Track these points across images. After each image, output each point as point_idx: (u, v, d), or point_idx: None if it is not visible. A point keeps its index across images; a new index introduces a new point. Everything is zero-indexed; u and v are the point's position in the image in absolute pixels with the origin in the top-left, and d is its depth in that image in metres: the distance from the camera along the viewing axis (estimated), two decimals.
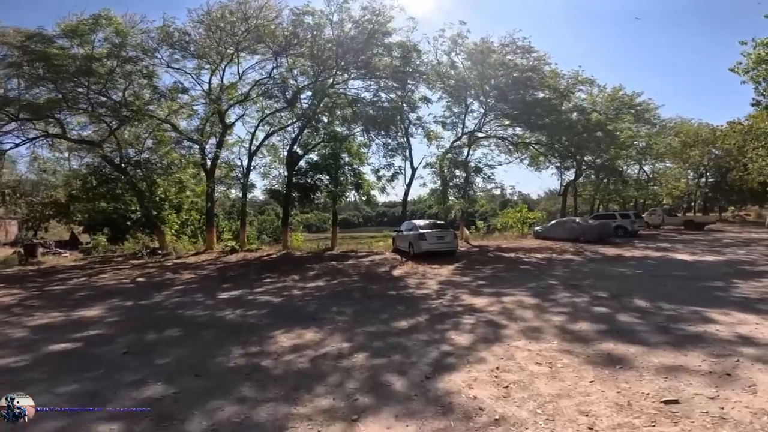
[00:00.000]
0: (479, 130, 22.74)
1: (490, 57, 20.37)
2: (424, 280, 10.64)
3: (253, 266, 13.89)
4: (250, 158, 20.30)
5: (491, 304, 7.62)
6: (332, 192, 19.45)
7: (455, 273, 11.88)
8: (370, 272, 12.17)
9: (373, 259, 15.13)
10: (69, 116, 18.14)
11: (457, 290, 9.14)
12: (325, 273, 12.06)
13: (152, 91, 16.71)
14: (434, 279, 10.84)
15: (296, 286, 10.09)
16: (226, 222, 37.93)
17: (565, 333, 5.67)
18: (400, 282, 10.50)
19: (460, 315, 6.89)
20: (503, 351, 5.00)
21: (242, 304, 8.02)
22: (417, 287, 9.70)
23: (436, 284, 10.06)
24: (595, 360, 4.63)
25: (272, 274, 12.10)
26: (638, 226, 26.32)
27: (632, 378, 4.09)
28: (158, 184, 19.81)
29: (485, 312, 7.05)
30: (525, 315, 6.76)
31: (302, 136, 20.83)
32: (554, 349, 5.01)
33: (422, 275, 11.54)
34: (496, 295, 8.50)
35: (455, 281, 10.47)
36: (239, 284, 10.51)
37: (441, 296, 8.52)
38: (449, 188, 20.27)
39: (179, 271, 13.18)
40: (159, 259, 17.10)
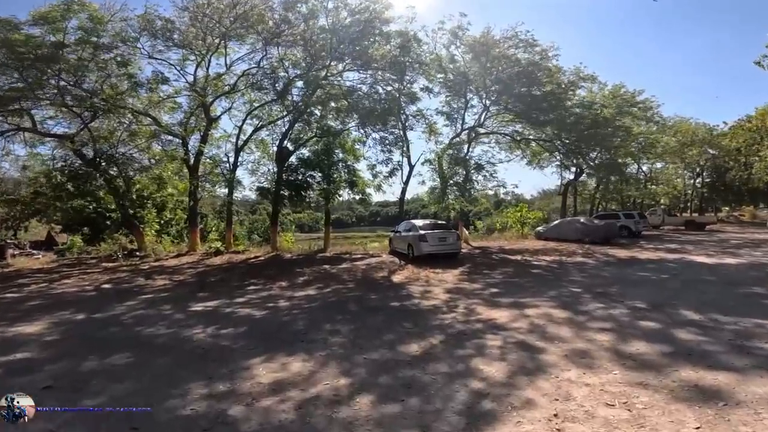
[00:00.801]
0: (480, 126, 21.62)
1: (492, 50, 19.29)
2: (429, 288, 9.41)
3: (237, 270, 12.55)
4: (237, 154, 18.93)
5: (515, 319, 6.41)
6: (325, 190, 18.14)
7: (462, 279, 10.68)
8: (366, 278, 10.91)
9: (369, 263, 13.87)
10: (41, 109, 16.65)
11: (470, 300, 7.93)
12: (316, 279, 10.77)
13: (128, 80, 15.21)
14: (440, 286, 9.62)
15: (283, 295, 8.78)
16: (215, 222, 36.40)
17: (623, 358, 4.49)
18: (401, 290, 9.25)
19: (482, 334, 5.66)
20: (554, 387, 3.78)
21: (217, 319, 6.70)
22: (422, 297, 8.46)
23: (444, 293, 8.83)
24: (684, 395, 3.51)
25: (257, 280, 10.77)
26: (642, 227, 25.58)
27: (748, 418, 3.02)
28: (136, 180, 18.32)
29: (510, 329, 5.83)
30: (561, 333, 5.57)
31: (293, 131, 19.49)
32: (621, 382, 3.83)
33: (426, 282, 10.31)
34: (516, 306, 7.30)
35: (464, 289, 9.25)
36: (218, 293, 9.17)
37: (452, 308, 7.29)
38: (449, 186, 19.07)
39: (153, 276, 11.79)
40: (135, 261, 15.65)
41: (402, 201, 20.91)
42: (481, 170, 19.45)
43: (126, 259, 16.15)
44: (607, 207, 37.26)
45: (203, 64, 18.47)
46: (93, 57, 14.18)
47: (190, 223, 18.34)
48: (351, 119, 20.00)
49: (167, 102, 18.47)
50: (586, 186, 35.22)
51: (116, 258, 16.30)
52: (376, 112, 17.50)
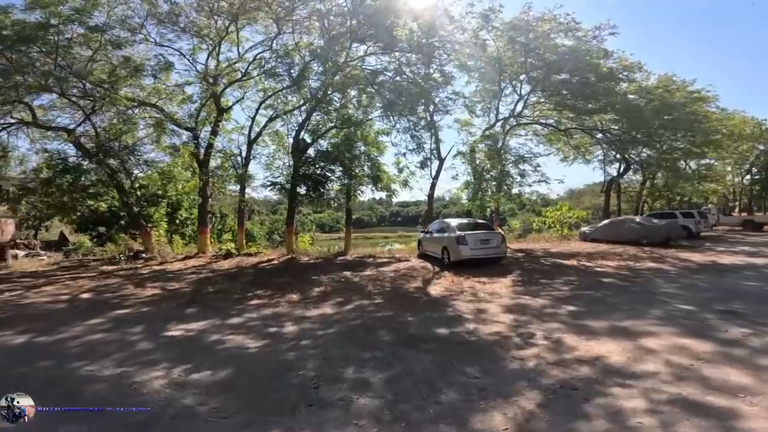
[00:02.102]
0: (517, 116, 19.13)
1: (530, 34, 16.86)
2: (481, 305, 7.22)
3: (244, 277, 10.67)
4: (249, 146, 17.20)
5: (635, 356, 4.25)
6: (346, 185, 16.17)
7: (518, 291, 8.43)
8: (397, 290, 8.79)
9: (397, 268, 11.78)
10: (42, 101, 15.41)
11: (546, 324, 5.71)
12: (335, 290, 8.73)
13: (125, 63, 13.62)
14: (494, 302, 7.41)
15: (292, 314, 6.76)
16: (235, 221, 35.13)
17: None
18: (445, 308, 7.09)
19: (602, 387, 3.52)
20: None
21: (193, 354, 4.73)
22: (477, 319, 6.28)
23: (503, 312, 6.63)
24: None
25: (264, 290, 8.82)
26: (703, 227, 22.65)
27: None
28: (146, 177, 16.80)
29: (644, 376, 3.69)
30: (731, 378, 3.53)
31: (310, 121, 17.62)
32: None
33: (473, 295, 8.11)
34: (620, 333, 5.09)
35: (529, 306, 7.01)
36: (211, 308, 7.25)
37: (528, 338, 5.09)
38: (486, 181, 16.74)
39: (146, 283, 10.04)
40: (137, 264, 14.10)
41: (431, 198, 18.70)
42: (522, 163, 17.01)
43: (129, 262, 14.65)
44: (653, 206, 33.95)
45: (215, 53, 16.95)
46: (85, 39, 12.64)
47: (200, 223, 16.72)
48: (373, 108, 18.03)
49: (177, 94, 16.93)
50: (630, 184, 32.04)
51: (118, 260, 14.83)
52: (403, 98, 15.36)
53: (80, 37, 12.97)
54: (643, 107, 17.42)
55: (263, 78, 17.61)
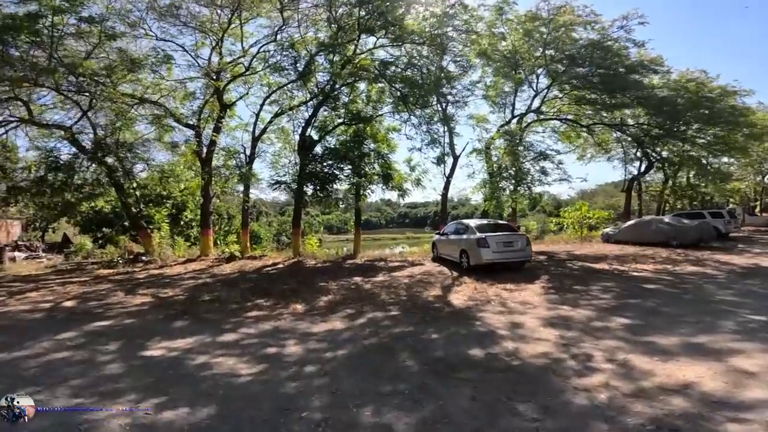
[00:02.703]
0: (539, 111, 18.01)
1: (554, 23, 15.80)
2: (514, 317, 6.22)
3: (246, 283, 9.78)
4: (254, 144, 16.36)
5: (739, 381, 3.31)
6: (355, 184, 15.25)
7: (553, 300, 7.41)
8: (415, 298, 7.82)
9: (411, 273, 10.80)
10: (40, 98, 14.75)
11: (600, 341, 4.70)
12: (345, 299, 7.78)
13: (120, 56, 12.86)
14: (529, 313, 6.41)
15: (296, 330, 5.83)
16: None
17: None
18: (473, 321, 6.11)
19: (714, 425, 2.51)
20: None
21: (169, 384, 3.80)
22: (514, 335, 5.29)
23: (544, 326, 5.62)
24: None
25: (266, 299, 7.91)
26: (733, 227, 21.38)
27: None
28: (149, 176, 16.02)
29: (764, 407, 2.65)
30: None
31: (317, 117, 16.76)
32: None
33: (501, 304, 7.12)
34: (701, 352, 4.11)
35: (572, 319, 6.00)
36: (203, 321, 6.36)
37: (585, 361, 4.09)
38: (506, 179, 15.68)
39: (137, 289, 9.20)
40: (135, 268, 13.34)
41: (445, 198, 17.67)
42: (543, 159, 15.91)
43: (127, 265, 13.90)
44: (673, 205, 32.50)
45: (218, 49, 16.22)
46: (78, 30, 11.90)
47: (202, 224, 15.90)
48: (383, 103, 17.11)
49: (179, 90, 16.19)
50: (650, 183, 30.65)
51: (116, 264, 14.08)
52: (416, 90, 14.38)
53: (73, 28, 12.24)
54: (676, 100, 16.11)
55: (268, 73, 16.84)
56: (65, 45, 12.13)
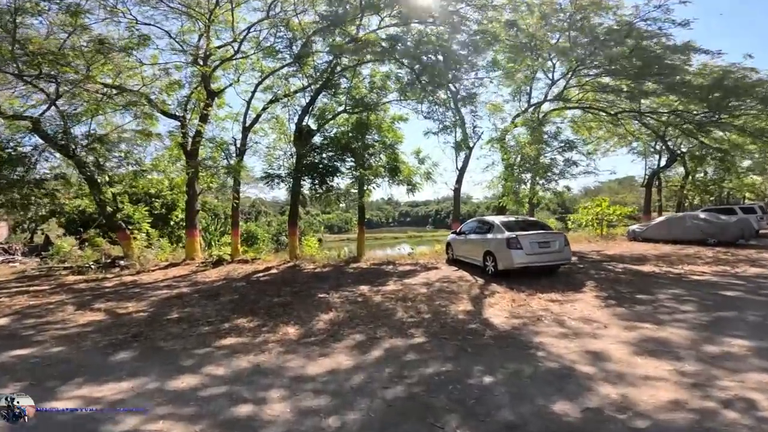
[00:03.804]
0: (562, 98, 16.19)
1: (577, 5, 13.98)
2: (585, 341, 4.51)
3: (229, 294, 8.07)
4: (244, 134, 14.63)
5: None
6: (358, 178, 13.54)
7: (621, 314, 5.70)
8: (441, 316, 6.09)
9: (427, 280, 9.09)
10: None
11: (739, 375, 3.01)
12: (351, 318, 6.05)
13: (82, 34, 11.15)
14: (603, 336, 4.71)
15: (283, 370, 4.12)
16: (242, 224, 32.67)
17: None
18: (533, 350, 4.40)
19: None
20: None
21: None
22: (602, 372, 3.58)
23: (636, 354, 3.91)
24: None
25: (249, 319, 6.18)
26: (766, 223, 19.82)
27: None
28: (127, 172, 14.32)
29: None
30: None
31: (315, 105, 15.05)
32: None
33: (557, 322, 5.41)
34: None
35: (669, 342, 4.29)
36: (157, 353, 4.66)
37: (749, 412, 2.40)
38: (529, 171, 13.93)
39: (95, 302, 7.49)
40: (109, 274, 11.69)
41: (458, 192, 15.94)
42: (570, 150, 14.17)
43: (100, 271, 12.24)
44: (692, 202, 30.76)
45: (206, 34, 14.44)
46: (32, 6, 10.16)
47: (188, 224, 14.18)
48: (389, 91, 15.35)
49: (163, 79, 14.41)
50: (668, 178, 28.89)
51: (88, 269, 12.40)
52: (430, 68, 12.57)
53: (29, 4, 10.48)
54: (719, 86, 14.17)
55: (260, 57, 15.09)
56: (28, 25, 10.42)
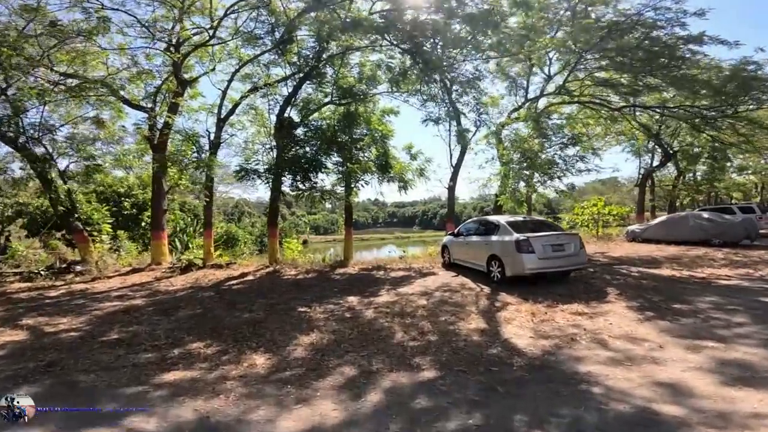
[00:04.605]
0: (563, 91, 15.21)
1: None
2: (647, 369, 3.40)
3: (190, 308, 6.72)
4: (219, 126, 13.22)
5: None
6: (346, 174, 12.31)
7: (671, 329, 4.63)
8: (450, 337, 4.91)
9: (425, 288, 7.92)
10: None
11: None
12: (338, 342, 4.79)
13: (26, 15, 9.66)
14: (665, 361, 3.62)
15: (243, 427, 2.89)
16: (222, 225, 30.93)
17: None
18: (586, 386, 3.26)
19: None
20: None
21: None
22: (695, 416, 2.48)
23: (727, 385, 2.81)
24: None
25: (207, 343, 4.87)
26: (765, 223, 19.42)
27: None
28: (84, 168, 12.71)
29: None
30: None
31: (299, 96, 13.75)
32: None
33: (598, 343, 4.30)
34: None
35: (751, 365, 3.24)
36: (69, 393, 3.36)
37: None
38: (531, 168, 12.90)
39: (22, 318, 6.07)
40: (60, 281, 10.21)
41: (452, 191, 14.83)
42: (576, 145, 13.22)
43: (52, 277, 10.74)
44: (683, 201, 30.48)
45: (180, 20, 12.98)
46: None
47: (153, 225, 12.67)
48: (379, 82, 14.14)
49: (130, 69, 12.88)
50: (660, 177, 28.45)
51: (36, 275, 10.86)
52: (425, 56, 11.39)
53: None
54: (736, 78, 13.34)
55: (239, 44, 13.73)
56: None
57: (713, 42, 11.37)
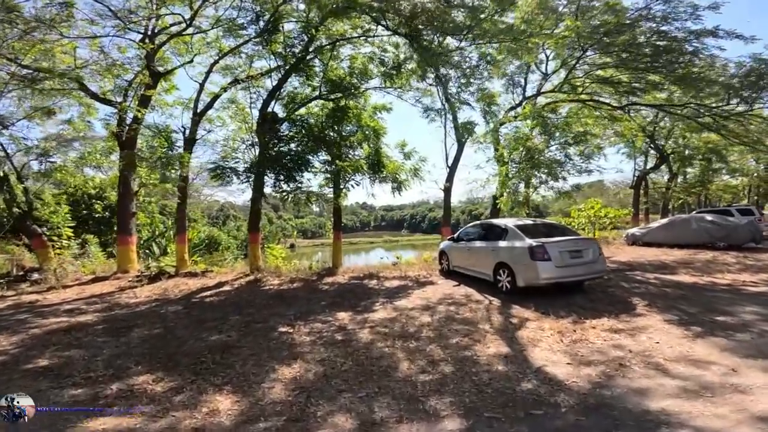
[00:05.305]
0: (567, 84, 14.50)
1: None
2: (736, 400, 2.51)
3: (147, 327, 5.62)
4: (196, 120, 12.06)
5: None
6: (335, 171, 11.30)
7: (733, 348, 3.75)
8: (466, 365, 3.95)
9: (427, 301, 6.95)
10: None
11: None
12: (328, 374, 3.79)
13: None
14: (757, 390, 2.71)
15: None
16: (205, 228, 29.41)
17: None
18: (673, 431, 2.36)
19: None
20: None
21: None
22: None
23: None
24: None
25: (158, 377, 3.81)
26: (766, 225, 19.16)
27: None
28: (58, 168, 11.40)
29: None
30: None
31: (284, 89, 12.71)
32: None
33: (658, 369, 3.39)
34: None
35: None
36: None
37: None
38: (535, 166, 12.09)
39: None
40: (11, 291, 8.98)
41: (448, 192, 13.94)
42: (581, 143, 12.48)
43: (3, 287, 9.50)
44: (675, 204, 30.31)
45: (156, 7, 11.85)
46: None
47: (119, 229, 11.41)
48: (371, 77, 13.19)
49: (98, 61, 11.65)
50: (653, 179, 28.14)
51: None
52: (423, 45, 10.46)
53: None
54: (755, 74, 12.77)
55: (220, 35, 12.64)
56: None
57: (728, 36, 10.74)
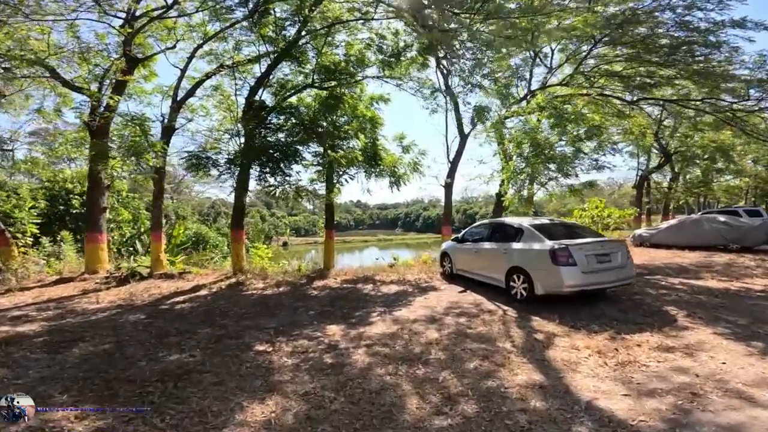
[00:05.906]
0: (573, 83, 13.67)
1: None
2: None
3: (96, 342, 4.64)
4: (175, 108, 10.98)
5: None
6: (327, 163, 10.33)
7: None
8: (494, 402, 3.03)
9: (430, 310, 6.04)
10: None
11: None
12: (312, 417, 2.87)
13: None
14: None
15: None
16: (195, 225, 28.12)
17: None
18: None
19: None
20: None
21: None
22: None
23: None
24: None
25: (80, 414, 2.88)
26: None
27: None
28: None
29: None
30: None
31: (273, 76, 11.71)
32: None
33: (743, 398, 2.51)
34: None
35: None
36: None
37: None
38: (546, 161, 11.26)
39: None
40: None
41: (450, 188, 13.03)
42: (595, 137, 11.68)
43: None
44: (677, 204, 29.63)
45: None
46: None
47: (89, 226, 10.34)
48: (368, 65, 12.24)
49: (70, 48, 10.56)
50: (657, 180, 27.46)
51: None
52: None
53: None
54: None
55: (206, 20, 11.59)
56: None
57: (758, 28, 9.96)
